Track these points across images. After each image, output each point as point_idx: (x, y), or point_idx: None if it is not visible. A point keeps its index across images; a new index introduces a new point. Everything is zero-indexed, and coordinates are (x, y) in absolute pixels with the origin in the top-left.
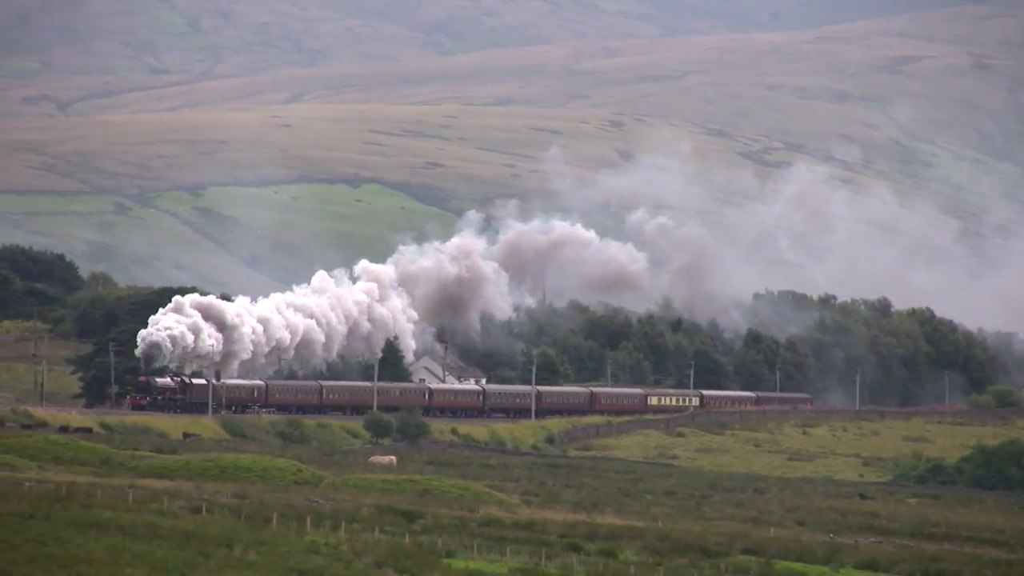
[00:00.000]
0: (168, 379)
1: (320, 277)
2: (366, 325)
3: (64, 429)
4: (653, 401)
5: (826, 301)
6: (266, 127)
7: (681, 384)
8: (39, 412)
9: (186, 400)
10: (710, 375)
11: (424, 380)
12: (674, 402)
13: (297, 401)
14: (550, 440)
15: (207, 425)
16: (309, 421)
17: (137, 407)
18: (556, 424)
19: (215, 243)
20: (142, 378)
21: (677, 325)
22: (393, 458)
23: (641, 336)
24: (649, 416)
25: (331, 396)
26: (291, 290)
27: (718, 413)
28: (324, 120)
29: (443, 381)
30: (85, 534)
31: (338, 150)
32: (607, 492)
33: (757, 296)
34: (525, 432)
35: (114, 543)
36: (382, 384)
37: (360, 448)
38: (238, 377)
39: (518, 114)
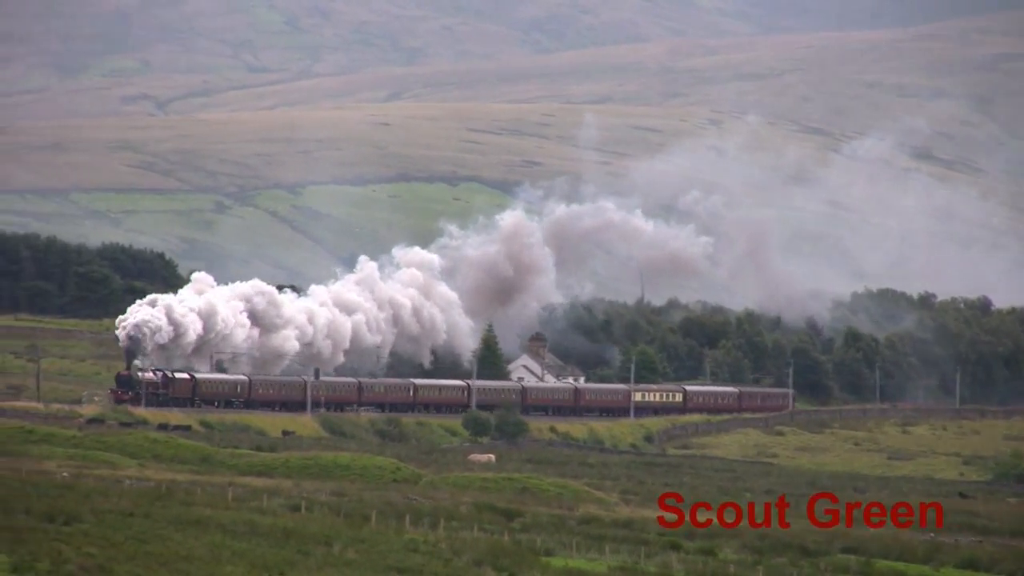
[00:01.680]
0: (151, 373)
1: (366, 267)
2: (415, 327)
3: (164, 427)
4: (637, 397)
5: (925, 300)
6: (364, 125)
7: (780, 383)
8: (139, 410)
9: (168, 395)
10: (809, 374)
11: (523, 379)
12: (658, 398)
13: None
14: (649, 438)
15: (306, 423)
16: (408, 419)
17: (120, 402)
18: (655, 422)
19: (313, 241)
20: (123, 372)
21: (776, 323)
22: (492, 456)
23: (740, 334)
24: (748, 415)
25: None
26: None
27: (817, 412)
28: (422, 118)
29: (541, 379)
30: (185, 532)
31: (436, 148)
32: (706, 491)
33: (855, 295)
34: (624, 430)
35: (214, 541)
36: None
37: (459, 446)
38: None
39: (616, 112)
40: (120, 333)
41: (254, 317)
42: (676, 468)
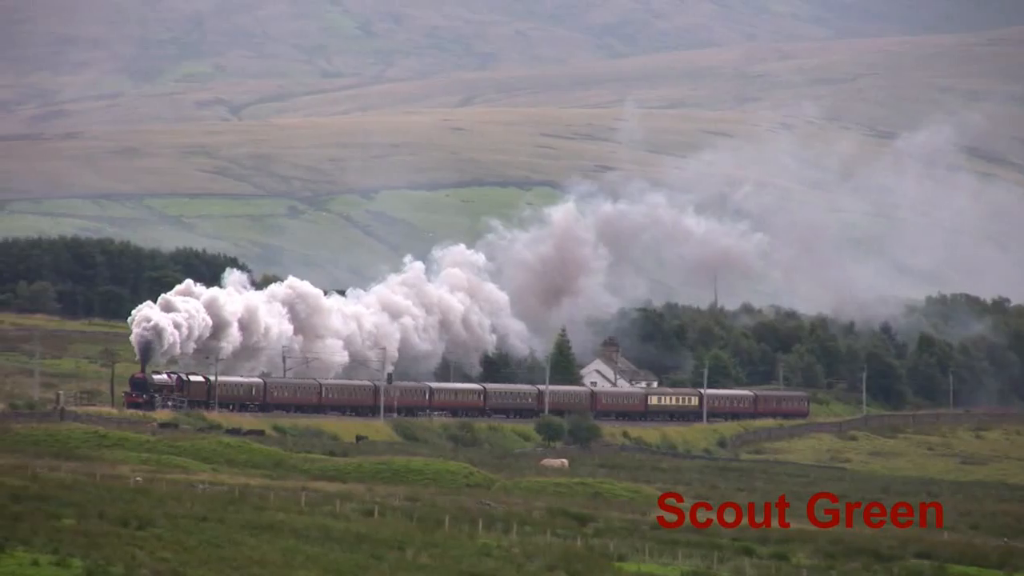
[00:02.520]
0: (165, 376)
1: (413, 267)
2: (462, 334)
3: (236, 432)
4: (653, 401)
5: (998, 304)
6: (437, 130)
7: (854, 388)
8: (213, 415)
9: (183, 398)
10: (882, 379)
11: (595, 384)
12: (674, 402)
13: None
14: (721, 443)
15: (379, 428)
16: (480, 424)
17: (133, 405)
18: (728, 427)
19: (387, 246)
20: (138, 375)
21: (849, 328)
22: (565, 461)
23: (812, 339)
24: (820, 419)
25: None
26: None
27: (891, 416)
28: (495, 123)
29: (614, 384)
30: (258, 536)
31: (509, 153)
32: (779, 496)
33: (929, 299)
34: (696, 435)
35: (287, 545)
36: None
37: (531, 451)
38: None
39: (688, 117)
40: (136, 330)
41: (296, 321)
42: (749, 473)
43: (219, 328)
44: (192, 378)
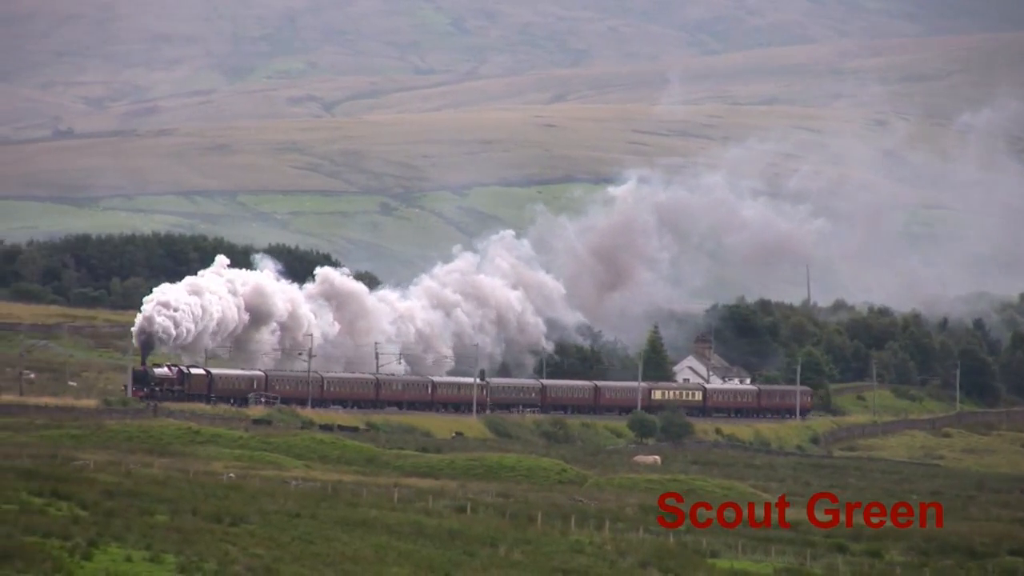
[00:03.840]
0: (166, 369)
1: (464, 258)
2: (515, 327)
3: (329, 428)
4: (656, 395)
5: None
6: (529, 127)
7: (948, 385)
8: (306, 411)
9: (184, 391)
10: (976, 375)
11: (688, 380)
12: (677, 396)
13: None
14: (814, 440)
15: (472, 425)
16: (573, 420)
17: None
18: (821, 424)
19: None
20: (139, 368)
21: (943, 325)
22: (657, 458)
23: (906, 336)
24: (914, 416)
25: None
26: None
27: (985, 413)
28: (587, 120)
29: (707, 381)
30: (351, 532)
31: (601, 150)
32: (872, 492)
33: (1023, 296)
34: (790, 432)
35: (379, 542)
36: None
37: (624, 448)
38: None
39: (782, 113)
40: (139, 318)
41: (338, 314)
42: (841, 470)
43: (260, 319)
44: (193, 371)
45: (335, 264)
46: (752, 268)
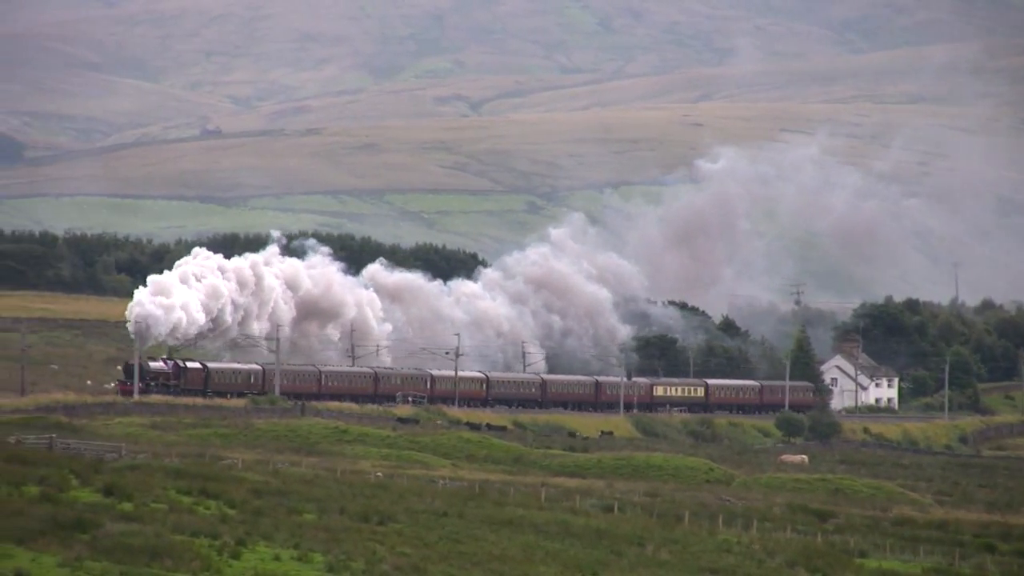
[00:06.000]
0: (161, 362)
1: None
2: (590, 322)
3: (476, 427)
4: (659, 392)
5: None
6: (677, 126)
7: None
8: (453, 411)
9: (179, 386)
10: None
11: (836, 380)
12: (679, 392)
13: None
14: (963, 439)
15: (619, 423)
16: (720, 419)
17: (125, 394)
18: (969, 423)
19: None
20: (131, 362)
21: None
22: (805, 457)
23: None
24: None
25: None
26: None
27: None
28: (735, 119)
29: (855, 381)
30: (498, 532)
31: (749, 148)
32: (1021, 492)
33: None
34: (938, 431)
35: (527, 541)
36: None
37: (771, 447)
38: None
39: (929, 112)
40: (132, 311)
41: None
42: (991, 469)
43: (318, 314)
44: (189, 364)
45: (482, 263)
46: (845, 253)
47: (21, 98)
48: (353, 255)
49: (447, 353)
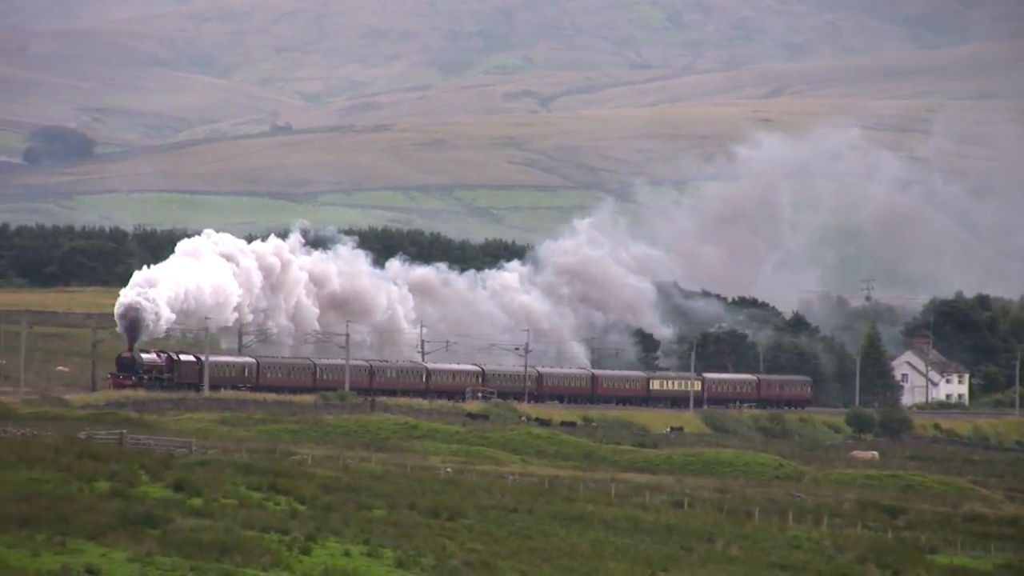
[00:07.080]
0: (154, 355)
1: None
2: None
3: (546, 423)
4: (656, 386)
5: None
6: (746, 122)
7: None
8: (522, 406)
9: (174, 379)
10: None
11: (906, 376)
12: (675, 386)
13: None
14: None
15: (689, 420)
16: (791, 415)
17: (119, 387)
18: None
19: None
20: (125, 354)
21: None
22: (875, 453)
23: None
24: None
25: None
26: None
27: None
28: (804, 114)
29: (926, 377)
30: (568, 527)
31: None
32: None
33: None
34: (1009, 427)
35: (596, 537)
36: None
37: (841, 443)
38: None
39: (1001, 108)
40: (123, 300)
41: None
42: None
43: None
44: (183, 357)
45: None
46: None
47: (91, 95)
48: (423, 250)
49: (517, 349)
